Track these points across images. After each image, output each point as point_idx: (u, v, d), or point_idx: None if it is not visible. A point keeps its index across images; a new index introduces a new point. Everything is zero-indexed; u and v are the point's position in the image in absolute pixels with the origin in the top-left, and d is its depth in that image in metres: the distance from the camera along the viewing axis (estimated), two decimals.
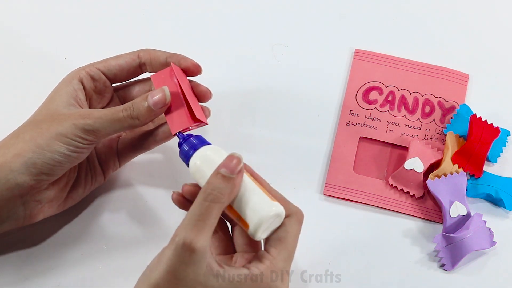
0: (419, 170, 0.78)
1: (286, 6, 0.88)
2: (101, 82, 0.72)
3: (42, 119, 0.68)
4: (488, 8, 0.88)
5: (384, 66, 0.84)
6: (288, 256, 0.62)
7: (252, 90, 0.84)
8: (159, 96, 0.67)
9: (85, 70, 0.71)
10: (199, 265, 0.58)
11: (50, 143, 0.66)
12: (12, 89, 0.83)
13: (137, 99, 0.68)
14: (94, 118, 0.66)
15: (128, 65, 0.72)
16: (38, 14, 0.87)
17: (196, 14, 0.87)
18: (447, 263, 0.75)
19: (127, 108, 0.67)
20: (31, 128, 0.67)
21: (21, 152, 0.65)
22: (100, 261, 0.75)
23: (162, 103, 0.67)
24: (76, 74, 0.71)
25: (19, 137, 0.66)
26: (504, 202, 0.77)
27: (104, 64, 0.72)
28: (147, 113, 0.67)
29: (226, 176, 0.60)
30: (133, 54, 0.73)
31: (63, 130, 0.66)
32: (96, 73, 0.72)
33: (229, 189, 0.61)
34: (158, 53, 0.72)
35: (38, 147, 0.65)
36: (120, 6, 0.88)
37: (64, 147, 0.66)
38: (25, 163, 0.65)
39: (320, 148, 0.81)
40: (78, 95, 0.70)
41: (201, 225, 0.58)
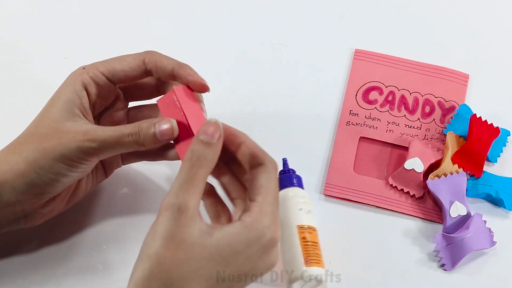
0: (419, 170, 0.78)
1: (286, 6, 0.88)
2: (105, 87, 0.70)
3: (45, 133, 0.66)
4: (488, 8, 0.88)
5: (384, 66, 0.84)
6: (274, 199, 0.62)
7: (252, 90, 0.84)
8: (167, 128, 0.65)
9: (89, 74, 0.69)
10: (194, 226, 0.59)
11: (53, 165, 0.65)
12: (12, 89, 0.83)
13: (144, 125, 0.66)
14: (99, 141, 0.65)
15: (133, 71, 0.70)
16: (38, 14, 0.87)
17: (196, 14, 0.87)
18: (447, 263, 0.75)
19: (133, 133, 0.65)
20: (34, 145, 0.65)
21: (24, 173, 0.65)
22: (100, 261, 0.75)
23: (170, 135, 0.66)
24: (79, 78, 0.68)
25: (21, 156, 0.65)
26: (504, 202, 0.77)
27: (109, 69, 0.70)
28: (153, 141, 0.66)
29: (207, 142, 0.62)
30: (138, 60, 0.70)
31: (67, 153, 0.65)
32: (101, 79, 0.69)
33: (212, 155, 0.62)
34: (165, 62, 0.69)
35: (41, 169, 0.65)
36: (120, 6, 0.88)
37: (67, 169, 0.65)
38: (28, 184, 0.65)
39: (320, 148, 0.81)
40: (83, 103, 0.68)
41: (190, 189, 0.60)
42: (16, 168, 0.65)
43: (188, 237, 0.59)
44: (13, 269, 0.74)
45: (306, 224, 0.72)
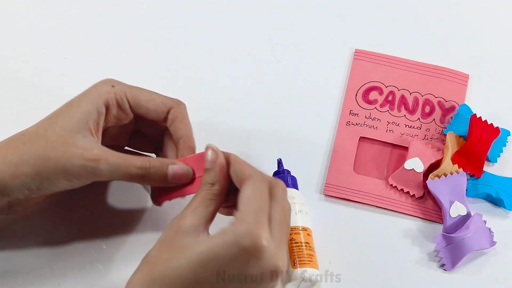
0: (419, 170, 0.78)
1: (286, 6, 0.88)
2: (125, 113, 0.70)
3: (53, 141, 0.65)
4: (488, 8, 0.88)
5: (384, 66, 0.84)
6: (260, 209, 0.61)
7: (252, 90, 0.84)
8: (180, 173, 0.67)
9: (116, 96, 0.68)
10: (188, 234, 0.61)
11: (53, 176, 0.65)
12: (12, 89, 0.83)
13: (156, 163, 0.67)
14: (107, 165, 0.65)
15: (155, 114, 0.70)
16: (38, 14, 0.87)
17: (196, 14, 0.87)
18: (447, 263, 0.75)
19: (142, 167, 0.66)
20: (38, 151, 0.65)
21: (21, 175, 0.65)
22: (100, 261, 0.75)
23: (181, 179, 0.67)
24: (105, 95, 0.68)
25: (23, 159, 0.65)
26: (504, 202, 0.77)
27: (135, 99, 0.69)
28: (161, 180, 0.67)
29: (208, 168, 0.65)
30: (165, 107, 0.70)
31: (70, 168, 0.65)
32: (125, 105, 0.69)
33: (214, 177, 0.64)
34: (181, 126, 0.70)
35: (38, 176, 0.65)
36: (120, 6, 0.88)
37: (64, 183, 0.66)
38: (21, 186, 0.65)
39: (320, 148, 0.81)
40: (99, 119, 0.67)
41: (192, 206, 0.63)
42: (14, 170, 0.65)
43: (178, 241, 0.61)
44: (13, 269, 0.73)
45: (295, 225, 0.72)
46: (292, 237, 0.72)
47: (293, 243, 0.72)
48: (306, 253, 0.72)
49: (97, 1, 0.88)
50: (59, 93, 0.82)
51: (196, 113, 0.80)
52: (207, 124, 0.81)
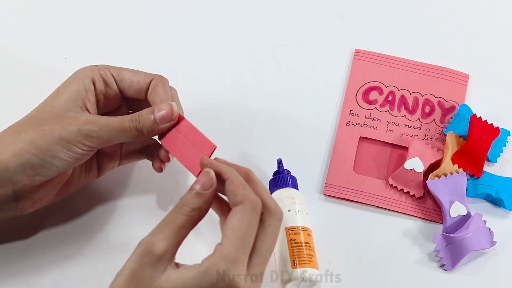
0: (419, 170, 0.78)
1: (286, 6, 0.88)
2: (112, 89, 0.71)
3: (46, 118, 0.66)
4: (488, 8, 0.88)
5: (384, 66, 0.84)
6: (241, 244, 0.60)
7: (252, 90, 0.84)
8: (166, 111, 0.67)
9: (100, 72, 0.70)
10: (157, 268, 0.60)
11: (51, 147, 0.65)
12: (12, 89, 0.83)
13: (144, 111, 0.67)
14: (100, 125, 0.66)
15: (138, 85, 0.71)
16: (38, 14, 0.87)
17: (196, 14, 0.87)
18: (447, 263, 0.75)
19: (133, 119, 0.67)
20: (32, 127, 0.66)
21: (20, 152, 0.64)
22: (100, 261, 0.75)
23: (169, 118, 0.67)
24: (89, 73, 0.69)
25: (19, 136, 0.65)
26: (504, 202, 0.77)
27: (118, 73, 0.71)
28: (152, 126, 0.67)
29: (197, 192, 0.62)
30: (148, 78, 0.71)
31: (67, 135, 0.65)
32: (110, 79, 0.70)
33: (199, 204, 0.62)
34: (160, 91, 0.70)
35: (38, 150, 0.65)
36: (119, 6, 0.88)
37: (64, 153, 0.65)
38: (22, 164, 0.65)
39: (320, 148, 0.81)
40: (88, 95, 0.68)
41: (166, 232, 0.61)
42: (12, 148, 0.65)
43: (147, 278, 0.59)
44: (13, 269, 0.73)
45: (295, 225, 0.73)
46: (292, 237, 0.72)
47: (293, 243, 0.72)
48: (306, 253, 0.72)
49: (97, 1, 0.88)
50: None
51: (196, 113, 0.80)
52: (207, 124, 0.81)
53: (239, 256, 0.60)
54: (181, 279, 0.59)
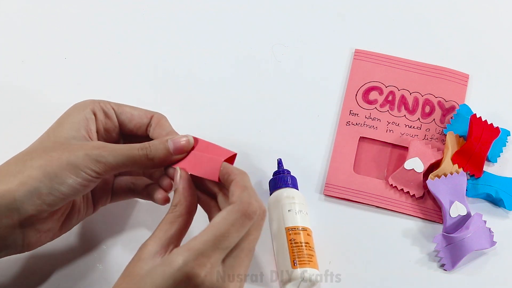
0: (419, 170, 0.78)
1: (286, 6, 0.88)
2: (112, 121, 0.70)
3: (51, 146, 0.65)
4: (488, 8, 0.88)
5: (384, 66, 0.84)
6: (213, 239, 0.60)
7: (252, 90, 0.84)
8: (183, 144, 0.67)
9: (100, 104, 0.69)
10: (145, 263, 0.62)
11: (60, 173, 0.63)
12: (12, 89, 0.83)
13: (156, 141, 0.67)
14: (109, 151, 0.65)
15: (138, 119, 0.70)
16: (38, 14, 0.87)
17: (196, 14, 0.87)
18: (447, 263, 0.75)
19: (143, 147, 0.66)
20: (39, 154, 0.64)
21: (27, 180, 0.63)
22: (100, 261, 0.75)
23: (184, 150, 0.67)
24: (90, 104, 0.69)
25: (26, 164, 0.64)
26: (504, 202, 0.77)
27: (118, 107, 0.70)
28: (165, 156, 0.67)
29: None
30: (149, 113, 0.71)
31: (75, 160, 0.64)
32: (110, 111, 0.70)
33: (177, 198, 0.65)
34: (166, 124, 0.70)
35: (46, 176, 0.63)
36: (119, 6, 0.88)
37: (73, 179, 0.64)
38: (30, 193, 0.63)
39: (320, 148, 0.81)
40: (89, 125, 0.68)
41: (155, 232, 0.64)
42: (19, 176, 0.63)
43: (136, 270, 0.61)
44: (13, 269, 0.73)
45: (295, 225, 0.73)
46: (292, 237, 0.72)
47: (293, 243, 0.72)
48: (306, 253, 0.72)
49: (97, 1, 0.88)
50: (59, 93, 0.82)
51: (196, 113, 0.80)
52: (207, 124, 0.81)
53: (206, 250, 0.60)
54: (153, 270, 0.61)
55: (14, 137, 0.79)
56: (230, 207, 0.62)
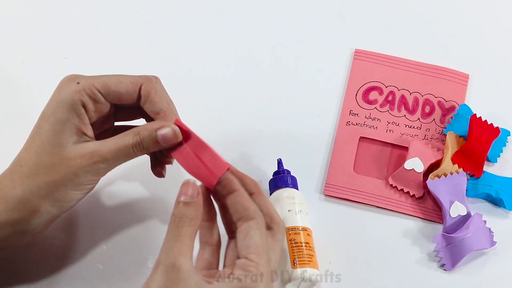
0: (419, 170, 0.78)
1: (286, 6, 0.88)
2: (101, 103, 0.69)
3: (51, 164, 0.66)
4: (488, 8, 0.88)
5: (384, 66, 0.84)
6: (268, 259, 0.62)
7: (252, 90, 0.84)
8: (169, 136, 0.66)
9: (86, 92, 0.67)
10: (189, 282, 0.60)
11: (67, 194, 0.66)
12: (12, 89, 0.83)
13: (145, 134, 0.66)
14: (106, 161, 0.66)
15: (127, 96, 0.69)
16: (38, 14, 0.87)
17: (196, 14, 0.87)
18: (447, 263, 0.75)
19: (136, 144, 0.66)
20: (42, 178, 0.65)
21: (39, 209, 0.66)
22: (100, 261, 0.75)
23: (172, 141, 0.67)
24: (77, 97, 0.67)
25: (33, 193, 0.66)
26: (504, 202, 0.77)
27: (104, 87, 0.68)
28: (157, 146, 0.67)
29: (186, 202, 0.63)
30: (135, 85, 0.68)
31: (78, 181, 0.66)
32: (97, 95, 0.68)
33: (193, 212, 0.63)
34: (157, 99, 0.69)
35: (55, 201, 0.66)
36: (119, 6, 0.88)
37: (79, 193, 0.67)
38: (43, 217, 0.67)
39: (320, 148, 0.81)
40: (82, 120, 0.67)
41: (179, 246, 0.61)
42: (29, 206, 0.66)
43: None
44: (13, 269, 0.73)
45: (295, 225, 0.73)
46: (292, 237, 0.72)
47: (293, 243, 0.72)
48: (306, 253, 0.72)
49: (97, 1, 0.88)
50: None
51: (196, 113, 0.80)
52: (207, 124, 0.81)
53: (268, 271, 0.62)
54: None
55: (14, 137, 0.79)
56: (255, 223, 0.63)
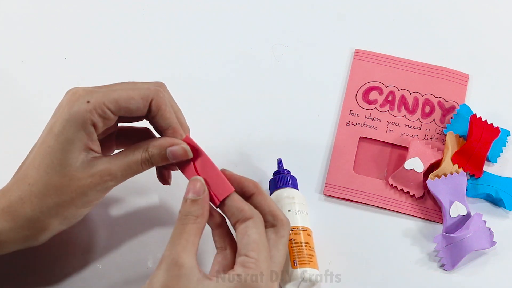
0: (419, 170, 0.78)
1: (286, 6, 0.88)
2: (110, 120, 0.68)
3: (61, 184, 0.66)
4: (488, 8, 0.88)
5: (384, 66, 0.84)
6: (267, 256, 0.64)
7: (252, 90, 0.84)
8: (180, 153, 0.68)
9: (97, 112, 0.66)
10: (190, 279, 0.61)
11: (76, 212, 0.67)
12: (12, 89, 0.83)
13: (155, 152, 0.67)
14: (115, 178, 0.67)
15: (137, 112, 0.68)
16: (38, 14, 0.87)
17: (196, 14, 0.87)
18: (447, 263, 0.75)
19: (145, 161, 0.67)
20: (53, 200, 0.66)
21: (48, 226, 0.67)
22: (100, 261, 0.75)
23: (182, 158, 0.68)
24: (88, 116, 0.66)
25: (43, 213, 0.66)
26: (504, 202, 0.77)
27: (114, 105, 0.67)
28: (165, 163, 0.68)
29: (192, 199, 0.65)
30: (146, 100, 0.68)
31: (87, 199, 0.66)
32: (107, 114, 0.67)
33: (200, 210, 0.65)
34: (167, 115, 0.68)
35: (64, 219, 0.67)
36: (119, 6, 0.88)
37: (87, 210, 0.68)
38: (53, 233, 0.68)
39: (320, 148, 0.81)
40: (91, 138, 0.67)
41: (183, 243, 0.63)
42: (40, 226, 0.66)
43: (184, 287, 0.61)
44: (13, 269, 0.73)
45: (295, 225, 0.73)
46: (292, 237, 0.72)
47: (293, 243, 0.72)
48: (306, 253, 0.72)
49: (97, 1, 0.88)
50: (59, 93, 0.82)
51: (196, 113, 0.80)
52: (207, 124, 0.81)
53: (269, 267, 0.63)
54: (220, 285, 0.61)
55: (14, 137, 0.79)
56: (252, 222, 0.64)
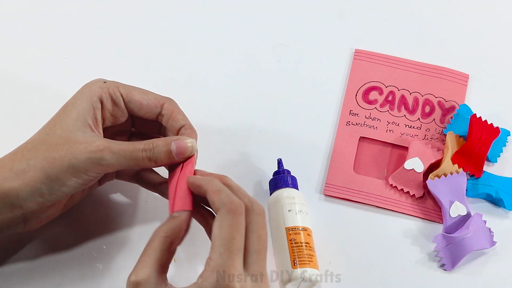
0: (419, 170, 0.78)
1: (286, 6, 0.88)
2: (120, 108, 0.69)
3: (55, 143, 0.65)
4: (488, 8, 0.88)
5: (384, 66, 0.84)
6: (226, 249, 0.61)
7: (252, 90, 0.84)
8: (187, 150, 0.67)
9: (109, 90, 0.68)
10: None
11: (61, 175, 0.64)
12: (12, 89, 0.83)
13: (159, 143, 0.66)
14: (111, 153, 0.65)
15: (148, 108, 0.69)
16: (38, 13, 0.87)
17: (196, 14, 0.87)
18: (447, 263, 0.75)
19: (147, 149, 0.66)
20: (42, 153, 0.65)
21: (30, 181, 0.64)
22: (100, 261, 0.75)
23: (187, 155, 0.67)
24: (98, 91, 0.68)
25: (29, 164, 0.65)
26: (504, 202, 0.77)
27: (128, 94, 0.69)
28: (168, 159, 0.67)
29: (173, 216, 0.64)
30: (158, 101, 0.69)
31: (77, 164, 0.64)
32: (118, 98, 0.69)
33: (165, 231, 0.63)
34: (179, 117, 0.69)
35: (47, 178, 0.64)
36: (120, 5, 0.88)
37: (74, 181, 0.65)
38: (32, 193, 0.65)
39: (320, 148, 0.81)
40: (96, 114, 0.67)
41: (143, 260, 0.62)
42: (22, 176, 0.64)
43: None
44: (13, 269, 0.73)
45: (295, 225, 0.73)
46: (292, 237, 0.72)
47: (293, 243, 0.72)
48: (306, 253, 0.72)
49: (97, 1, 0.88)
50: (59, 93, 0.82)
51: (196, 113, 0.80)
52: (207, 124, 0.81)
53: (227, 261, 0.60)
54: None
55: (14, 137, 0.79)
56: (218, 214, 0.62)
